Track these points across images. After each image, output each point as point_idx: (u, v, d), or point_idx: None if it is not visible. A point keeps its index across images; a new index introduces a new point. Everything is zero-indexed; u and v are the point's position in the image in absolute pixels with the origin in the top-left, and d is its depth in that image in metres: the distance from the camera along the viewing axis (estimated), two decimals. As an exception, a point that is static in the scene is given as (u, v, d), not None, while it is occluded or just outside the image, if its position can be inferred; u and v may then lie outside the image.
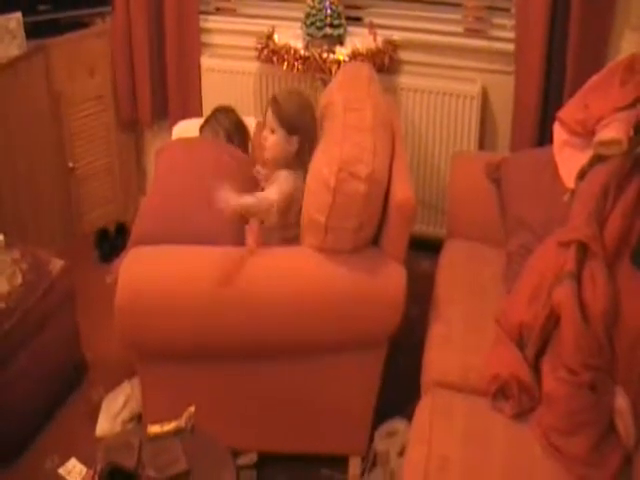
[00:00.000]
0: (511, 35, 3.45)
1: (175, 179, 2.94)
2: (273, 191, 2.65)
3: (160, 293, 2.48)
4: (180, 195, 2.78)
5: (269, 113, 2.73)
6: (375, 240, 2.57)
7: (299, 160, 2.73)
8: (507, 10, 3.52)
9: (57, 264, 3.01)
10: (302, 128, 2.72)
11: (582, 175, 2.57)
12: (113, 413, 2.91)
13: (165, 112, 3.99)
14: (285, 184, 2.67)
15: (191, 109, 3.88)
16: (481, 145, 3.66)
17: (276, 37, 3.55)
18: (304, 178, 2.64)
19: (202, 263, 2.54)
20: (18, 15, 3.39)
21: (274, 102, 2.74)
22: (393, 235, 2.51)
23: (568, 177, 2.69)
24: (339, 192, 2.39)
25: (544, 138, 3.37)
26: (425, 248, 3.41)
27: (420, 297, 2.78)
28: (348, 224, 2.43)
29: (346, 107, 2.64)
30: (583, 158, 2.65)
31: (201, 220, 2.71)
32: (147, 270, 2.54)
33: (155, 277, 2.51)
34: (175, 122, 3.73)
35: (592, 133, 2.66)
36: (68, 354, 3.13)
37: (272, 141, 2.74)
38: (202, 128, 3.24)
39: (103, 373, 3.17)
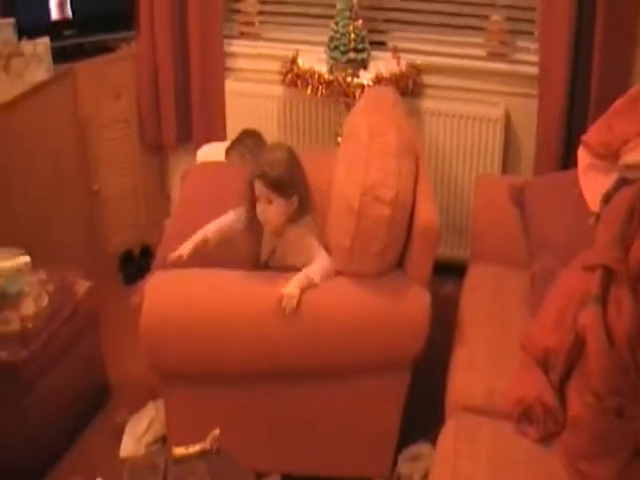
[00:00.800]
0: (534, 58, 3.46)
1: (200, 203, 2.98)
2: (316, 272, 2.53)
3: (185, 315, 2.50)
4: (204, 219, 2.80)
5: (259, 186, 2.50)
6: (399, 263, 2.57)
7: (302, 209, 2.58)
8: (530, 33, 3.54)
9: (83, 285, 3.04)
10: (298, 183, 2.54)
11: (607, 199, 2.56)
12: (137, 435, 2.92)
13: (189, 135, 4.01)
14: (322, 259, 2.56)
15: (215, 132, 3.91)
16: (504, 168, 3.66)
17: (300, 61, 3.58)
18: (312, 219, 2.62)
19: (227, 286, 2.56)
20: (46, 40, 3.43)
21: (260, 173, 2.49)
22: (417, 259, 2.52)
23: (593, 200, 2.67)
24: (363, 216, 2.40)
25: (568, 161, 3.37)
26: (448, 271, 3.39)
27: (443, 320, 2.76)
28: (373, 248, 2.45)
29: (370, 131, 2.66)
30: (607, 181, 2.64)
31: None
32: (173, 292, 2.56)
33: (181, 299, 2.53)
34: (199, 145, 3.79)
35: (616, 156, 2.64)
36: (92, 376, 3.14)
37: (274, 212, 2.52)
38: (228, 151, 3.26)
39: (127, 395, 3.17)
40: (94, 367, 3.16)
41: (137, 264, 3.99)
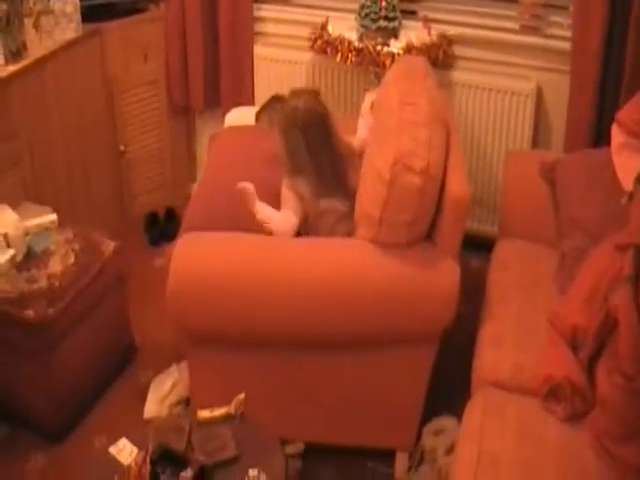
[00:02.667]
0: (568, 34, 3.41)
1: (227, 168, 2.97)
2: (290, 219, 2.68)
3: (212, 278, 2.50)
4: (233, 183, 2.79)
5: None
6: (429, 235, 2.56)
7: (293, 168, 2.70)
8: (565, 8, 3.48)
9: (110, 245, 3.05)
10: (287, 141, 2.68)
11: (641, 177, 2.55)
12: (161, 396, 2.94)
13: (217, 99, 3.99)
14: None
15: (243, 97, 3.89)
16: (534, 143, 3.63)
17: (330, 28, 3.55)
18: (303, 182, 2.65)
19: (254, 250, 2.57)
20: (75, -1, 3.42)
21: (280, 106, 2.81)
22: (447, 230, 2.51)
23: (626, 179, 2.65)
24: (394, 185, 2.39)
25: (599, 138, 3.35)
26: (476, 246, 3.39)
27: (471, 295, 2.77)
28: (402, 217, 2.44)
29: (402, 101, 2.64)
30: (641, 161, 2.62)
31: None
32: (199, 255, 2.56)
33: (207, 262, 2.54)
34: (227, 110, 3.77)
35: (652, 135, 2.63)
36: (118, 336, 3.17)
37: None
38: (258, 115, 3.25)
39: (151, 356, 3.21)
40: (120, 327, 3.19)
41: (162, 226, 4.01)
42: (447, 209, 2.48)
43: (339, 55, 3.45)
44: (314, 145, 2.65)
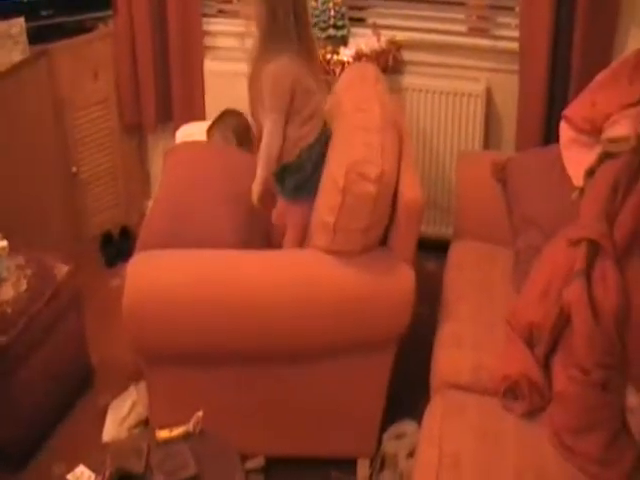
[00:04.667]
0: (515, 34, 3.43)
1: (183, 183, 2.94)
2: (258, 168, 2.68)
3: (166, 295, 2.47)
4: (188, 199, 2.79)
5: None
6: (383, 240, 2.56)
7: (277, 36, 2.62)
8: (511, 9, 3.51)
9: (63, 269, 3.00)
10: None
11: (591, 173, 2.56)
12: (119, 418, 2.89)
13: (169, 115, 3.97)
14: (268, 142, 2.64)
15: (195, 112, 3.86)
16: (486, 144, 3.65)
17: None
18: (295, 52, 2.61)
19: (210, 266, 2.54)
20: (20, 20, 3.37)
21: None
22: (402, 235, 2.50)
23: (576, 175, 2.67)
24: (348, 193, 2.39)
25: (549, 137, 3.36)
26: (431, 248, 3.39)
27: (428, 297, 2.77)
28: (357, 225, 2.43)
29: (354, 108, 2.65)
30: (591, 156, 2.63)
31: (207, 224, 2.72)
32: (154, 273, 2.53)
33: (161, 280, 2.50)
34: (179, 125, 3.75)
35: (600, 131, 2.64)
36: (75, 359, 3.11)
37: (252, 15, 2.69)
38: (210, 130, 3.23)
39: (110, 378, 3.15)
40: (77, 351, 3.13)
41: (117, 246, 3.97)
42: (401, 215, 2.48)
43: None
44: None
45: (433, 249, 3.41)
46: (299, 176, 2.71)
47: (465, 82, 3.56)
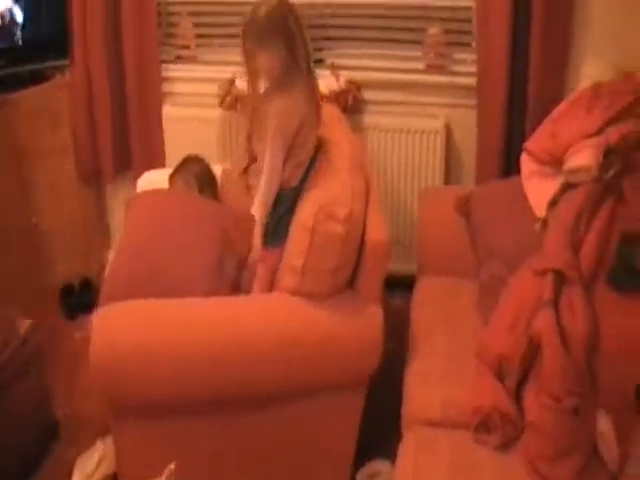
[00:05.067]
0: (472, 69, 3.47)
1: (146, 231, 2.89)
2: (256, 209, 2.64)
3: (137, 347, 2.42)
4: (152, 248, 2.74)
5: (246, 44, 2.63)
6: (350, 281, 2.53)
7: (291, 70, 2.64)
8: (467, 45, 3.54)
9: (25, 323, 2.93)
10: (283, 33, 2.60)
11: (554, 203, 2.56)
12: (86, 474, 2.79)
13: (128, 164, 3.93)
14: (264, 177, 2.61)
15: (155, 160, 3.83)
16: (447, 179, 3.66)
17: (238, 83, 3.53)
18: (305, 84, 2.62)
19: (176, 315, 2.49)
20: (-26, 72, 3.35)
21: (243, 30, 2.62)
22: (369, 276, 2.49)
23: (538, 206, 2.67)
24: (317, 233, 2.37)
25: (509, 169, 3.38)
26: (396, 285, 3.36)
27: (395, 333, 2.72)
28: (326, 266, 2.41)
29: (320, 150, 2.65)
30: (553, 186, 2.64)
31: (173, 273, 2.67)
32: (122, 324, 2.47)
33: (130, 331, 2.45)
34: (138, 174, 3.69)
35: (561, 161, 2.65)
36: (39, 415, 3.02)
37: (260, 66, 2.65)
38: (172, 178, 3.20)
39: (76, 432, 3.05)
40: (41, 406, 3.03)
41: (78, 297, 3.88)
42: (367, 255, 2.47)
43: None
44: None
45: (398, 286, 3.38)
46: (270, 219, 2.70)
47: (425, 119, 3.58)
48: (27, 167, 3.68)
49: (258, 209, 2.66)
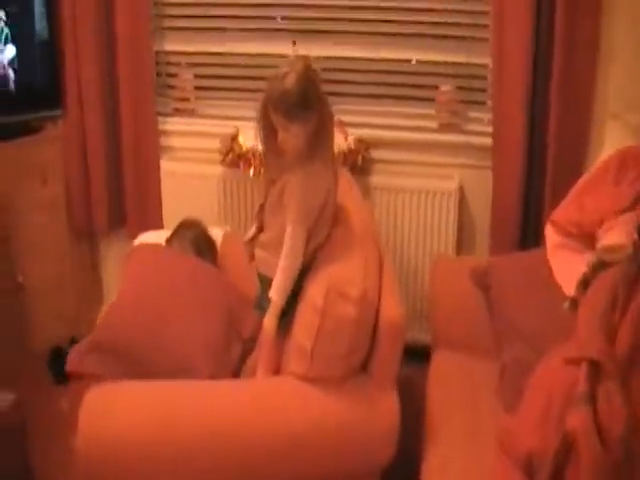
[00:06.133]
0: (488, 129, 3.32)
1: (147, 288, 2.75)
2: (275, 289, 2.43)
3: (128, 439, 2.24)
4: (152, 308, 2.60)
5: (275, 116, 2.37)
6: (364, 363, 2.36)
7: (318, 139, 2.40)
8: (483, 103, 3.41)
9: (7, 398, 2.82)
10: (314, 104, 2.36)
11: (585, 284, 2.38)
12: None
13: (123, 220, 3.77)
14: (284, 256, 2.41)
15: (151, 217, 3.66)
16: (459, 244, 3.50)
17: (241, 139, 3.37)
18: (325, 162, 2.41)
19: (175, 401, 2.31)
20: (-43, 120, 3.18)
21: (274, 105, 2.35)
22: (384, 359, 2.33)
23: (566, 283, 2.50)
24: (327, 315, 2.21)
25: (525, 238, 3.25)
26: (407, 354, 3.20)
27: (408, 407, 2.52)
28: (337, 350, 2.24)
29: (332, 220, 2.49)
30: (581, 262, 2.47)
31: (174, 346, 2.53)
32: (113, 412, 2.28)
33: (122, 421, 2.26)
34: (133, 231, 3.58)
35: (590, 236, 2.51)
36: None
37: (293, 138, 2.38)
38: (168, 243, 3.04)
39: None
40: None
41: (67, 361, 3.66)
42: (382, 336, 2.30)
43: (252, 169, 3.27)
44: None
45: (410, 355, 3.21)
46: None
47: (437, 180, 3.43)
48: (13, 223, 3.50)
49: (277, 294, 2.43)
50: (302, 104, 2.32)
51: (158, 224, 3.58)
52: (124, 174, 3.68)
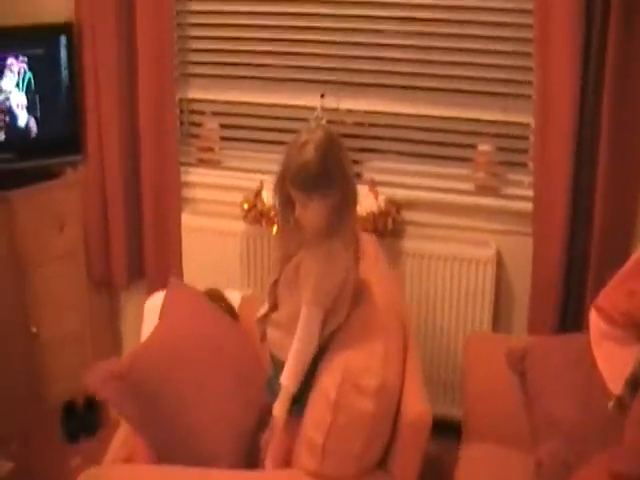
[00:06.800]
0: (528, 193, 3.11)
1: (181, 332, 2.62)
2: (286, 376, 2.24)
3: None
4: (185, 364, 2.49)
5: (293, 191, 2.17)
6: (383, 458, 2.14)
7: (334, 221, 2.19)
8: (524, 165, 3.21)
9: (6, 466, 2.73)
10: (335, 177, 2.15)
11: (634, 384, 2.15)
12: None
13: (142, 272, 3.63)
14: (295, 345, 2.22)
15: (170, 271, 3.48)
16: (496, 315, 3.28)
17: (265, 195, 3.21)
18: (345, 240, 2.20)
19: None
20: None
21: (291, 180, 2.16)
22: (404, 457, 2.12)
23: (612, 379, 2.27)
24: (341, 411, 2.02)
25: (566, 315, 3.04)
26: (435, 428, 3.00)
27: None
28: (351, 448, 2.04)
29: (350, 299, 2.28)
30: (629, 356, 2.24)
31: (202, 424, 2.39)
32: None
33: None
34: (152, 283, 3.45)
35: (638, 326, 2.26)
36: None
37: (311, 214, 2.17)
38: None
39: None
40: None
41: (81, 418, 3.57)
42: (404, 432, 2.09)
43: (275, 227, 3.10)
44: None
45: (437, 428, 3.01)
46: None
47: (473, 246, 3.23)
48: (29, 272, 3.41)
49: (289, 379, 2.23)
50: (322, 178, 2.12)
51: (178, 278, 3.41)
52: (144, 225, 3.56)
